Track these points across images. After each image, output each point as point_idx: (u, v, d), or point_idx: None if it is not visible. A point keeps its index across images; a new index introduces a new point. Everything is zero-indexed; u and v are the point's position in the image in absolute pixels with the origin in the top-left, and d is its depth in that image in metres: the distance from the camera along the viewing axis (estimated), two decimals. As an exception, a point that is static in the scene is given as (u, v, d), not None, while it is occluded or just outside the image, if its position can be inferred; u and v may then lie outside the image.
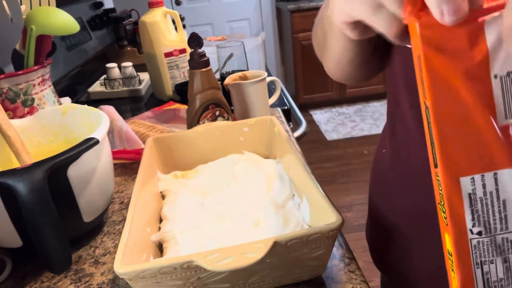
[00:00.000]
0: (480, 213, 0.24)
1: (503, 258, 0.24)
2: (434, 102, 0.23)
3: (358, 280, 0.41)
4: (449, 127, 0.23)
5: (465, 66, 0.22)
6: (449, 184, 0.23)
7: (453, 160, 0.23)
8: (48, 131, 0.61)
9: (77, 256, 0.50)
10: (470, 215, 0.24)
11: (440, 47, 0.23)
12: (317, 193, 0.42)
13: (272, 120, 0.61)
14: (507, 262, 0.24)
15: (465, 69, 0.22)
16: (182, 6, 3.21)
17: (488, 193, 0.23)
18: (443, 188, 0.24)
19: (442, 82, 0.23)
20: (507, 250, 0.24)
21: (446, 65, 0.23)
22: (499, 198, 0.23)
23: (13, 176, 0.40)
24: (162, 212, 0.50)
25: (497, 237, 0.24)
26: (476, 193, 0.23)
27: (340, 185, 2.28)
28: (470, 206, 0.24)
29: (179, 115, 0.92)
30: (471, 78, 0.22)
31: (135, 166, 0.72)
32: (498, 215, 0.24)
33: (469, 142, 0.23)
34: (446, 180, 0.23)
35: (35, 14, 0.65)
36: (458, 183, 0.23)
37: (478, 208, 0.24)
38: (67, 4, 1.26)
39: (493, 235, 0.24)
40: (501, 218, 0.24)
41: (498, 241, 0.24)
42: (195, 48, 0.67)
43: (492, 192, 0.23)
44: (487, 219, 0.24)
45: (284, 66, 3.54)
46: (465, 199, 0.23)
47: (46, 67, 0.69)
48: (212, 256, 0.34)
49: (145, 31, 1.04)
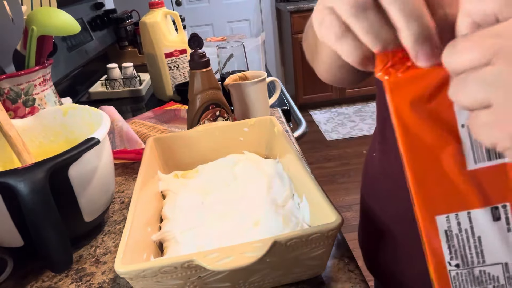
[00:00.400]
0: (457, 248, 0.25)
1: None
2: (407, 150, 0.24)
3: (358, 279, 0.41)
4: (422, 173, 0.24)
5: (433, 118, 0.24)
6: (426, 221, 0.25)
7: (428, 201, 0.25)
8: (49, 131, 0.61)
9: (78, 256, 0.50)
10: (447, 249, 0.25)
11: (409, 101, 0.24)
12: (316, 193, 0.42)
13: (272, 120, 0.61)
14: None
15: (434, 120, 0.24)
16: (182, 7, 3.21)
17: (464, 230, 0.25)
18: (420, 224, 0.25)
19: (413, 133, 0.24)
20: (485, 282, 0.25)
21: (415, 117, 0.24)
22: (474, 235, 0.25)
23: (14, 176, 0.40)
24: (163, 211, 0.50)
25: (474, 269, 0.25)
26: (452, 230, 0.25)
27: (340, 185, 2.28)
28: (447, 242, 0.25)
29: (179, 115, 0.92)
30: (440, 128, 0.24)
31: (136, 166, 0.72)
32: (474, 250, 0.25)
33: (442, 185, 0.24)
34: (422, 218, 0.25)
35: (36, 15, 0.65)
36: (434, 221, 0.25)
37: (455, 243, 0.25)
38: (68, 5, 1.27)
39: (470, 268, 0.25)
40: (478, 252, 0.25)
41: (476, 273, 0.25)
42: (196, 49, 0.67)
43: (467, 229, 0.25)
44: (464, 253, 0.25)
45: (284, 67, 3.55)
46: (441, 235, 0.25)
47: (47, 67, 0.69)
48: (212, 256, 0.34)
49: (146, 32, 1.04)
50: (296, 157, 0.50)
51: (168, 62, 1.07)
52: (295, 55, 3.04)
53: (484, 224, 0.24)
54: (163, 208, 0.51)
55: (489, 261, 0.25)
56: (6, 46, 0.63)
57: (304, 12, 2.90)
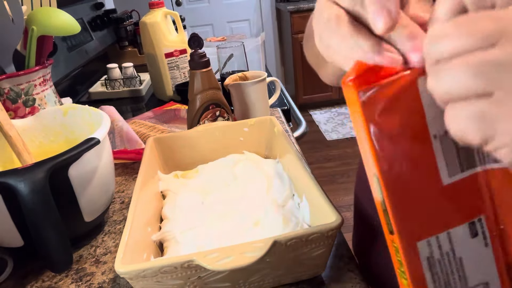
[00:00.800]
0: (440, 275, 0.24)
1: None
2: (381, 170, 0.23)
3: (358, 279, 0.41)
4: (399, 193, 0.23)
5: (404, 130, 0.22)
6: (408, 250, 0.23)
7: (408, 227, 0.23)
8: (49, 131, 0.61)
9: (78, 256, 0.50)
10: (430, 278, 0.24)
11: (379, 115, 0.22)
12: (316, 193, 0.42)
13: (272, 120, 0.61)
14: None
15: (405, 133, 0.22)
16: (182, 7, 3.21)
17: (445, 254, 0.24)
18: (402, 254, 0.24)
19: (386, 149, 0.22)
20: None
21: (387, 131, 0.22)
22: (455, 257, 0.24)
23: (14, 176, 0.40)
24: (163, 211, 0.50)
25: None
26: (434, 256, 0.23)
27: (340, 185, 2.28)
28: (429, 270, 0.24)
29: (179, 115, 0.92)
30: (411, 140, 0.22)
31: (136, 166, 0.72)
32: (457, 275, 0.24)
33: (420, 206, 0.23)
34: (404, 246, 0.23)
35: (36, 15, 0.65)
36: (415, 248, 0.23)
37: (438, 270, 0.24)
38: (68, 5, 1.27)
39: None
40: (460, 276, 0.24)
41: None
42: (196, 49, 0.67)
43: (448, 252, 0.24)
44: (447, 280, 0.24)
45: (284, 67, 3.55)
46: (423, 263, 0.23)
47: (47, 67, 0.69)
48: (212, 256, 0.34)
49: (146, 32, 1.04)
50: (296, 157, 0.50)
51: (168, 62, 1.07)
52: (295, 55, 3.04)
53: (464, 243, 0.24)
54: (163, 208, 0.51)
55: (471, 284, 0.24)
56: (6, 46, 0.63)
57: (304, 12, 2.90)
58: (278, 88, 0.85)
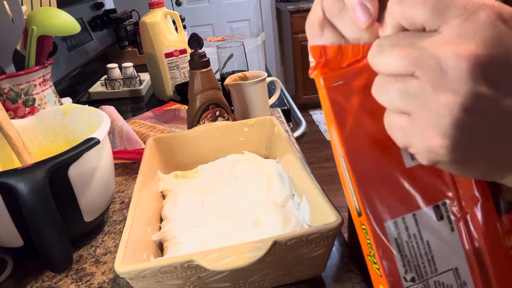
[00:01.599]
0: (409, 258, 0.24)
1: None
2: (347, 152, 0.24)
3: (358, 279, 0.41)
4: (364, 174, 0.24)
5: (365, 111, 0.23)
6: (376, 231, 0.24)
7: (375, 207, 0.24)
8: (49, 131, 0.61)
9: (78, 256, 0.50)
10: (401, 261, 0.24)
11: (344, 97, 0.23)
12: (316, 193, 0.42)
13: (272, 120, 0.61)
14: None
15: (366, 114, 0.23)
16: (182, 7, 3.21)
17: (412, 236, 0.24)
18: (371, 237, 0.24)
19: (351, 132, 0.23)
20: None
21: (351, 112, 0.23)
22: (423, 240, 0.24)
23: (14, 176, 0.40)
24: (163, 211, 0.50)
25: (429, 281, 0.24)
26: (402, 237, 0.24)
27: (340, 185, 2.28)
28: (399, 252, 0.24)
29: (179, 115, 0.92)
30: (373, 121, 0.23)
31: (136, 166, 0.72)
32: (425, 258, 0.24)
33: (386, 188, 0.24)
34: (373, 227, 0.24)
35: (36, 15, 0.65)
36: (384, 229, 0.24)
37: (407, 253, 0.24)
38: (68, 5, 1.27)
39: (425, 280, 0.24)
40: (429, 260, 0.24)
41: (431, 285, 0.24)
42: (196, 49, 0.67)
43: (415, 234, 0.24)
44: (416, 263, 0.24)
45: (284, 67, 3.55)
46: (392, 245, 0.24)
47: (47, 67, 0.69)
48: (212, 256, 0.34)
49: (146, 32, 1.04)
50: (296, 157, 0.50)
51: (168, 62, 1.07)
52: (295, 55, 3.04)
53: (429, 226, 0.24)
54: (163, 208, 0.51)
55: (440, 269, 0.24)
56: (6, 46, 0.63)
57: (304, 12, 2.90)
58: (278, 88, 0.85)
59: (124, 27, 1.62)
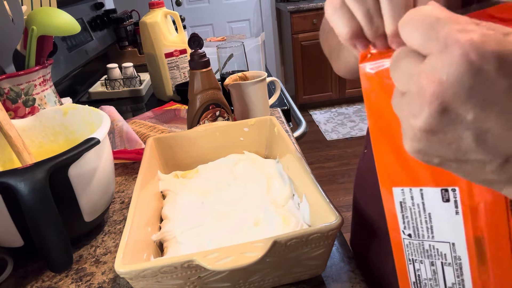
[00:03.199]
0: (409, 219, 0.27)
1: (430, 261, 0.27)
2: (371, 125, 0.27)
3: (358, 279, 0.41)
4: (383, 147, 0.26)
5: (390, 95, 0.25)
6: (385, 191, 0.28)
7: (387, 173, 0.27)
8: (49, 131, 0.61)
9: (78, 256, 0.50)
10: (401, 219, 0.27)
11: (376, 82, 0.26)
12: (316, 193, 0.42)
13: (272, 120, 0.61)
14: (433, 265, 0.27)
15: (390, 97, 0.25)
16: (182, 7, 3.21)
17: (416, 205, 0.26)
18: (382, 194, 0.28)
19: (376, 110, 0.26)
20: (433, 256, 0.27)
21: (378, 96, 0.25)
22: (426, 211, 0.26)
23: (14, 176, 0.40)
24: (163, 211, 0.50)
25: (424, 242, 0.27)
26: (406, 202, 0.27)
27: (340, 185, 2.28)
28: (401, 212, 0.27)
29: (179, 115, 0.92)
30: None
31: (136, 166, 0.72)
32: (425, 224, 0.26)
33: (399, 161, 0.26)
34: (382, 187, 0.28)
35: (36, 15, 0.65)
36: (391, 192, 0.27)
37: (408, 214, 0.27)
38: (68, 5, 1.27)
39: (421, 240, 0.27)
40: (428, 227, 0.26)
41: (426, 246, 0.27)
42: (196, 49, 0.67)
43: (419, 204, 0.26)
44: (415, 225, 0.27)
45: (284, 67, 3.55)
46: (397, 205, 0.27)
47: (47, 67, 0.69)
48: (212, 256, 0.34)
49: (146, 32, 1.04)
50: (296, 157, 0.50)
51: (168, 62, 1.07)
52: (295, 55, 3.04)
53: (434, 203, 0.26)
54: (163, 208, 0.51)
55: (437, 238, 0.26)
56: (6, 46, 0.63)
57: (304, 12, 2.90)
58: (278, 88, 0.85)
59: (124, 27, 1.62)
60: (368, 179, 0.51)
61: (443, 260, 0.27)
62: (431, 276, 0.28)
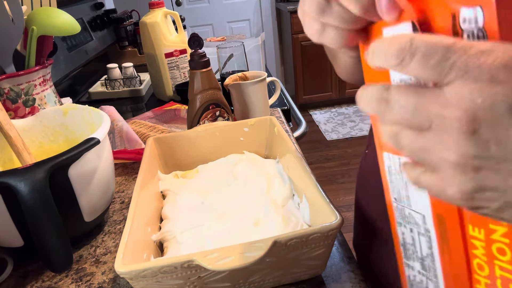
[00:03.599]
0: (394, 184, 0.29)
1: (409, 228, 0.29)
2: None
3: (358, 279, 0.41)
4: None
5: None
6: (380, 156, 0.29)
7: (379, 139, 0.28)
8: (49, 131, 0.61)
9: (78, 256, 0.50)
10: (389, 183, 0.29)
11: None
12: (316, 193, 0.42)
13: (272, 120, 0.61)
14: (412, 232, 0.29)
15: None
16: (182, 7, 3.21)
17: (397, 171, 0.28)
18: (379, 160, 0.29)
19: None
20: (412, 223, 0.29)
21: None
22: (403, 179, 0.28)
23: (14, 176, 0.40)
24: (163, 211, 0.50)
25: (405, 209, 0.29)
26: (392, 167, 0.28)
27: (340, 185, 2.28)
28: (389, 176, 0.29)
29: (179, 115, 0.92)
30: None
31: (136, 166, 0.72)
32: (404, 192, 0.28)
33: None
34: (378, 152, 0.29)
35: (36, 15, 0.65)
36: (382, 157, 0.29)
37: (393, 179, 0.29)
38: (68, 5, 1.27)
39: (402, 206, 0.29)
40: (407, 195, 0.28)
41: (406, 213, 0.29)
42: (196, 49, 0.67)
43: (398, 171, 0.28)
44: (398, 191, 0.29)
45: (284, 67, 3.55)
46: (387, 170, 0.29)
47: (47, 67, 0.69)
48: (212, 256, 0.34)
49: (146, 32, 1.04)
50: (296, 157, 0.50)
51: (168, 62, 1.07)
52: (295, 55, 3.04)
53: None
54: (163, 208, 0.51)
55: (413, 207, 0.28)
56: (6, 46, 0.63)
57: (304, 12, 2.89)
58: (278, 88, 0.85)
59: (124, 27, 1.62)
60: (370, 179, 0.51)
61: (418, 230, 0.28)
62: (411, 242, 0.29)
